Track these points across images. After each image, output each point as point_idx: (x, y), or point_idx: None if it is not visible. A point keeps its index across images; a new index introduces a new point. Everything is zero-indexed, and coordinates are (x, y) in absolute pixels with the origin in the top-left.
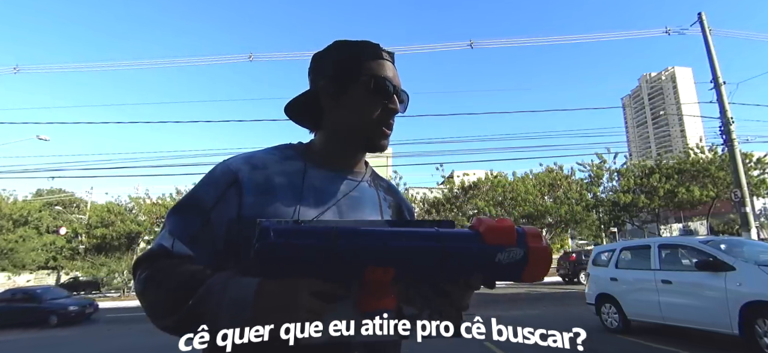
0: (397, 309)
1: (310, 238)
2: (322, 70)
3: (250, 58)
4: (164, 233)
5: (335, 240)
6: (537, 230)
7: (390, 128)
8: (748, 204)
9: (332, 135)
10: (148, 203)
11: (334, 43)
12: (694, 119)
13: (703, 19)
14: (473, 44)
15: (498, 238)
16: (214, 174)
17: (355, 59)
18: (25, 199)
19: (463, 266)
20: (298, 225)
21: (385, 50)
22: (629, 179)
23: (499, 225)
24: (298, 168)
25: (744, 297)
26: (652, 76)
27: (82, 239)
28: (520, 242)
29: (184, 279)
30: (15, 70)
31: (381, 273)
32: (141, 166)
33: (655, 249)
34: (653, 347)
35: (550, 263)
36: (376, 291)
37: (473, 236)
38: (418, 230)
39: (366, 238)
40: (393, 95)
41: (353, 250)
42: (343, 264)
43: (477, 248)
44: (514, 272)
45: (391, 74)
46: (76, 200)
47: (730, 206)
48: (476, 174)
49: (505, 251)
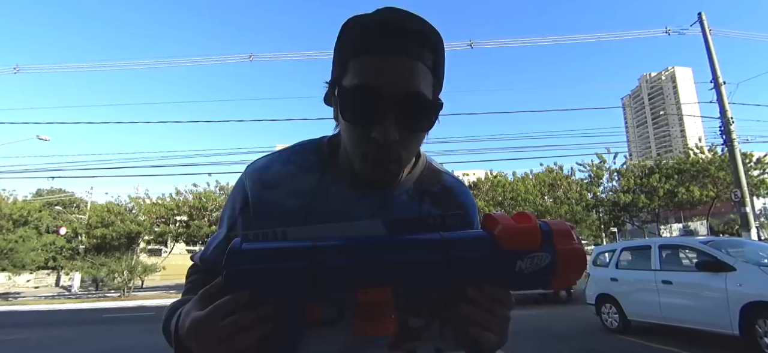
0: (402, 323)
1: (286, 258)
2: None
3: (250, 58)
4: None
5: (314, 258)
6: (566, 225)
7: (380, 162)
8: (748, 204)
9: (344, 153)
10: (148, 203)
11: (343, 24)
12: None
13: (703, 19)
14: (473, 44)
15: (517, 241)
16: (234, 193)
17: (342, 53)
18: (25, 199)
19: (475, 278)
20: (276, 242)
21: (395, 27)
22: (629, 179)
23: (518, 225)
24: (318, 185)
25: (744, 297)
26: (652, 76)
27: (82, 239)
28: (546, 244)
29: (171, 308)
30: (15, 70)
31: (376, 293)
32: (141, 166)
33: (656, 250)
34: (653, 347)
35: (584, 266)
36: (373, 314)
37: (486, 241)
38: (419, 239)
39: (353, 254)
40: (374, 118)
41: (338, 269)
42: (327, 285)
43: (491, 257)
44: (539, 281)
45: (388, 75)
46: (76, 200)
47: (730, 206)
48: (476, 174)
49: (528, 258)
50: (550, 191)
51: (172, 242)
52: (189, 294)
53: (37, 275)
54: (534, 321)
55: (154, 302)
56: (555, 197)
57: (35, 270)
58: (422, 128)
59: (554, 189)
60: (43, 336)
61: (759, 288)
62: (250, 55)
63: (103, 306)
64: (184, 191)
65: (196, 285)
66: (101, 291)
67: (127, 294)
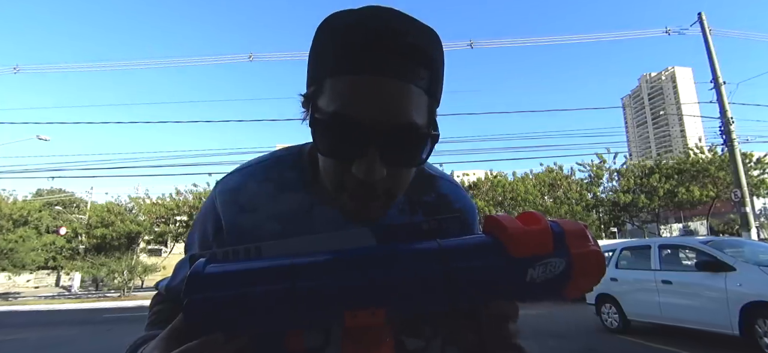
0: (399, 345)
1: (259, 281)
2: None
3: (250, 58)
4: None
5: (293, 279)
6: (580, 225)
7: (360, 198)
8: (748, 204)
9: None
10: (148, 203)
11: (320, 24)
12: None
13: (703, 19)
14: (473, 44)
15: (527, 247)
16: (204, 215)
17: (317, 66)
18: (25, 199)
19: (482, 292)
20: (248, 261)
21: (387, 42)
22: (629, 179)
23: (526, 228)
24: (301, 206)
25: (744, 297)
26: (652, 76)
27: (82, 239)
28: (559, 247)
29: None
30: (15, 70)
31: (367, 316)
32: (141, 166)
33: (656, 249)
34: (653, 347)
35: (603, 270)
36: (364, 339)
37: (491, 248)
38: (413, 249)
39: (338, 271)
40: (354, 151)
41: (319, 289)
42: (309, 309)
43: (497, 266)
44: (552, 290)
45: (372, 102)
46: (76, 200)
47: (730, 206)
48: (476, 174)
49: (540, 265)
50: (550, 191)
51: (172, 242)
52: (153, 326)
53: (37, 275)
54: (534, 321)
55: None
56: (555, 197)
57: (35, 270)
58: (413, 163)
59: (554, 189)
60: (43, 336)
61: (759, 288)
62: (250, 55)
63: (103, 306)
64: (184, 191)
65: (161, 317)
66: (101, 291)
67: (127, 294)
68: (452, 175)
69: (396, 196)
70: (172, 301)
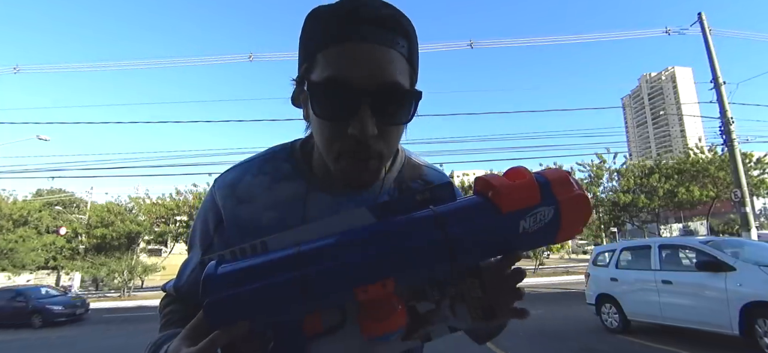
0: (410, 311)
1: (270, 273)
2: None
3: (250, 58)
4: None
5: (301, 265)
6: (563, 172)
7: (359, 158)
8: (748, 204)
9: (319, 156)
10: (148, 203)
11: (306, 16)
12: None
13: (703, 19)
14: (473, 44)
15: (516, 201)
16: (205, 210)
17: (307, 46)
18: (25, 199)
19: (480, 249)
20: (256, 257)
21: (365, 15)
22: (629, 179)
23: (513, 183)
24: (296, 194)
25: (744, 297)
26: (652, 76)
27: (82, 239)
28: (546, 196)
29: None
30: (15, 70)
31: (378, 288)
32: (141, 166)
33: (656, 249)
34: (653, 347)
35: (589, 212)
36: (378, 310)
37: (483, 207)
38: (410, 219)
39: (343, 251)
40: (356, 111)
41: (329, 272)
42: (321, 292)
43: (492, 223)
44: (545, 237)
45: (361, 65)
46: (76, 200)
47: (730, 206)
48: (476, 174)
49: (530, 216)
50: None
51: (172, 242)
52: (167, 327)
53: (37, 275)
54: (534, 321)
55: (154, 302)
56: None
57: (35, 270)
58: (401, 120)
59: None
60: (44, 336)
61: (759, 288)
62: (250, 55)
63: (103, 306)
64: (184, 191)
65: (175, 317)
66: (101, 291)
67: (127, 294)
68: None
69: (386, 158)
70: (182, 300)
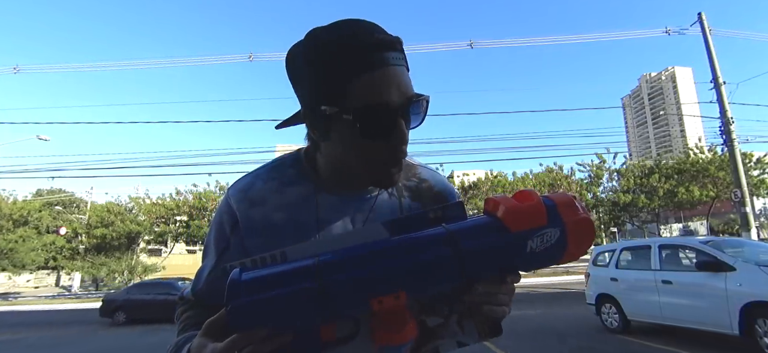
0: (420, 325)
1: (290, 282)
2: (300, 82)
3: (250, 58)
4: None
5: (320, 276)
6: (569, 196)
7: (398, 162)
8: (748, 204)
9: (329, 165)
10: (148, 203)
11: (307, 37)
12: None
13: (703, 19)
14: (473, 44)
15: (524, 221)
16: (220, 215)
17: (336, 77)
18: (25, 199)
19: (488, 266)
20: (277, 266)
21: (383, 41)
22: (629, 179)
23: (521, 205)
24: (306, 195)
25: (744, 297)
26: (652, 76)
27: (82, 239)
28: (553, 218)
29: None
30: (15, 70)
31: (391, 300)
32: (141, 166)
33: (656, 249)
34: (653, 347)
35: (593, 235)
36: (392, 322)
37: (493, 226)
38: (425, 236)
39: (360, 264)
40: (396, 126)
41: (346, 283)
42: (338, 302)
43: (502, 242)
44: (551, 257)
45: (393, 87)
46: (76, 200)
47: (730, 206)
48: (476, 174)
49: (537, 236)
50: (550, 191)
51: (172, 242)
52: (185, 331)
53: (37, 275)
54: (534, 321)
55: None
56: None
57: (35, 270)
58: (418, 123)
59: (554, 189)
60: (43, 336)
61: (759, 288)
62: (250, 55)
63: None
64: (184, 191)
65: (192, 321)
66: (101, 291)
67: None
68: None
69: (402, 161)
70: (200, 304)
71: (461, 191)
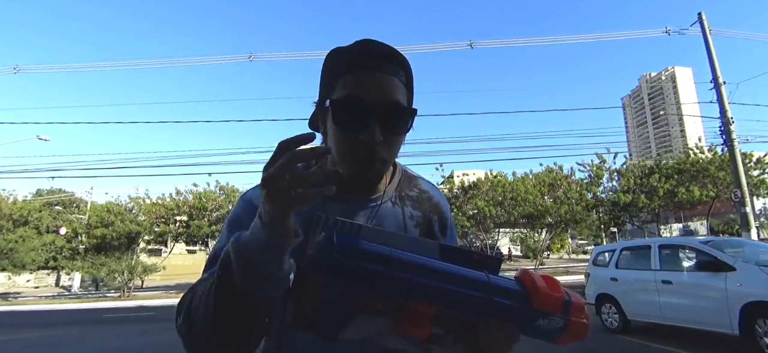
0: (428, 338)
1: (368, 260)
2: (321, 83)
3: (250, 58)
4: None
5: (390, 267)
6: (582, 301)
7: (367, 162)
8: (748, 204)
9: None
10: (148, 203)
11: (326, 56)
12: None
13: (703, 19)
14: (473, 44)
15: (545, 304)
16: (234, 213)
17: (329, 76)
18: (25, 199)
19: (503, 318)
20: (358, 242)
21: (376, 51)
22: (629, 179)
23: (550, 292)
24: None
25: (744, 297)
26: (652, 76)
27: (82, 239)
28: (564, 312)
29: (201, 281)
30: (15, 70)
31: (426, 306)
32: (141, 166)
33: (656, 249)
34: (653, 347)
35: (585, 336)
36: (415, 319)
37: (520, 295)
38: (470, 275)
39: (420, 273)
40: (360, 123)
41: (406, 281)
42: (392, 290)
43: (522, 309)
44: (546, 335)
45: (372, 87)
46: (76, 200)
47: (730, 206)
48: (476, 174)
49: (547, 319)
50: (550, 191)
51: (172, 242)
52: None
53: (37, 275)
54: None
55: (154, 302)
56: (555, 197)
57: (35, 270)
58: (400, 131)
59: (554, 189)
60: (43, 336)
61: (759, 288)
62: (250, 55)
63: (103, 306)
64: (184, 191)
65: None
66: (101, 291)
67: (127, 294)
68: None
69: (388, 163)
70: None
71: (461, 190)
